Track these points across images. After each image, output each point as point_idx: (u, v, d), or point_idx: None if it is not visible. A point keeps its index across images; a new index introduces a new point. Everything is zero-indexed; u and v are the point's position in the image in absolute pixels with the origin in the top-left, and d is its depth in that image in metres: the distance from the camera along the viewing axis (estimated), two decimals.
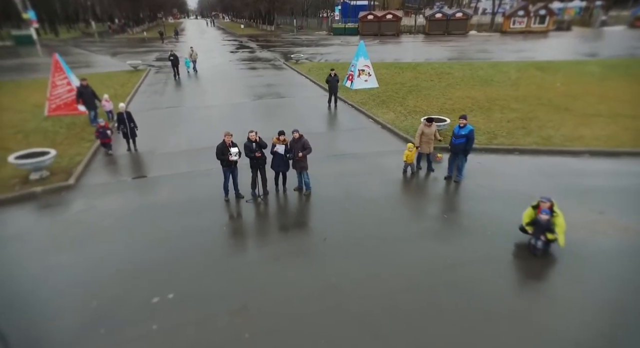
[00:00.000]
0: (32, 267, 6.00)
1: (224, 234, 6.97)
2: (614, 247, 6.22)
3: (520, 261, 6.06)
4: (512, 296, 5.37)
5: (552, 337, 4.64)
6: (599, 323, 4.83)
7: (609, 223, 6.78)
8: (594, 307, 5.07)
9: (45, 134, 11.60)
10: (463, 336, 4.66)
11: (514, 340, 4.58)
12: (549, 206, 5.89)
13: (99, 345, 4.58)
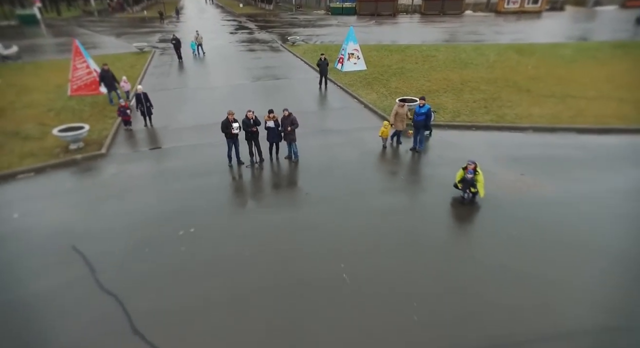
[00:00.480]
0: (88, 212, 8.03)
1: (229, 190, 9.00)
2: (522, 197, 8.23)
3: (453, 208, 8.08)
4: (449, 235, 7.40)
5: (470, 262, 6.70)
6: (505, 250, 6.85)
7: (524, 181, 8.77)
8: (502, 239, 7.10)
9: (72, 112, 13.46)
10: (402, 265, 6.71)
11: (453, 273, 6.38)
12: (473, 167, 7.85)
13: (145, 260, 6.65)
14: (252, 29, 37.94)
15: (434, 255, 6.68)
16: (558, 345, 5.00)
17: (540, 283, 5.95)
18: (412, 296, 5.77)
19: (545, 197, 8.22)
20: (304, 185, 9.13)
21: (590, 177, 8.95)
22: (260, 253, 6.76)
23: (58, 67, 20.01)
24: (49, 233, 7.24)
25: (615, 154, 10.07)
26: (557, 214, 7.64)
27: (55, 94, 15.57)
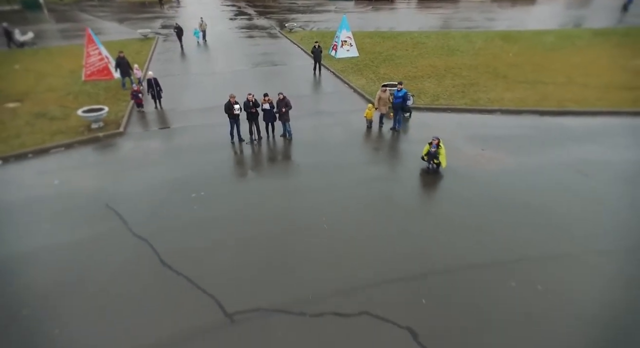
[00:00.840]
0: (115, 179, 9.57)
1: (232, 162, 10.53)
2: (479, 168, 9.77)
3: (420, 176, 9.62)
4: (412, 196, 8.97)
5: (427, 216, 8.29)
6: (455, 208, 8.42)
7: (483, 156, 10.30)
8: (456, 200, 8.67)
9: (89, 95, 14.86)
10: (373, 217, 8.28)
11: (411, 223, 7.99)
12: (437, 142, 9.35)
13: (166, 215, 8.22)
14: (251, 14, 38.77)
15: (400, 211, 8.27)
16: (483, 272, 6.61)
17: (475, 230, 7.55)
18: (377, 238, 7.38)
19: (500, 169, 9.76)
20: (296, 158, 10.67)
21: (541, 153, 10.47)
22: (257, 210, 8.34)
23: (68, 53, 21.29)
24: (86, 195, 8.82)
25: (567, 133, 11.56)
26: (506, 182, 9.20)
27: (70, 78, 16.92)
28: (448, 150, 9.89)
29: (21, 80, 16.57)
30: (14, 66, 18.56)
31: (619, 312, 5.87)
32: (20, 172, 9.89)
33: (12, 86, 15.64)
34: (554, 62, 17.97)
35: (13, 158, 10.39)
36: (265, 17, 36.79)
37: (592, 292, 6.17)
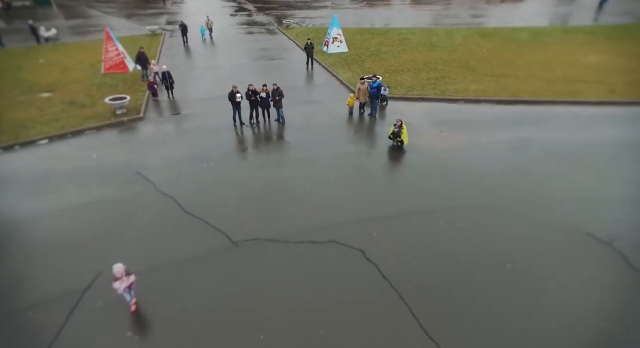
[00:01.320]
0: (140, 154, 11.87)
1: (234, 141, 12.82)
2: (435, 146, 12.05)
3: (388, 152, 11.90)
4: (378, 166, 11.26)
5: (390, 182, 10.62)
6: (414, 175, 10.75)
7: (440, 136, 12.59)
8: (415, 170, 10.98)
9: (110, 86, 17.09)
10: (347, 182, 10.60)
11: (374, 184, 10.30)
12: (399, 124, 11.62)
13: (185, 181, 10.51)
14: (250, 10, 40.71)
15: (367, 176, 10.59)
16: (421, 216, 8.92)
17: (422, 188, 9.86)
18: (347, 194, 9.70)
19: (451, 146, 12.05)
20: (287, 137, 12.94)
21: (488, 134, 12.75)
22: (255, 175, 10.67)
23: (85, 48, 23.45)
24: (120, 165, 11.13)
25: (513, 118, 13.83)
26: (454, 155, 11.49)
27: (90, 72, 19.12)
28: (413, 132, 12.21)
29: (48, 73, 18.79)
30: (39, 60, 20.76)
31: (508, 244, 8.19)
32: (64, 148, 12.20)
33: (42, 78, 17.87)
34: (520, 58, 20.14)
35: (57, 138, 12.70)
36: (264, 13, 38.76)
37: (496, 230, 8.49)
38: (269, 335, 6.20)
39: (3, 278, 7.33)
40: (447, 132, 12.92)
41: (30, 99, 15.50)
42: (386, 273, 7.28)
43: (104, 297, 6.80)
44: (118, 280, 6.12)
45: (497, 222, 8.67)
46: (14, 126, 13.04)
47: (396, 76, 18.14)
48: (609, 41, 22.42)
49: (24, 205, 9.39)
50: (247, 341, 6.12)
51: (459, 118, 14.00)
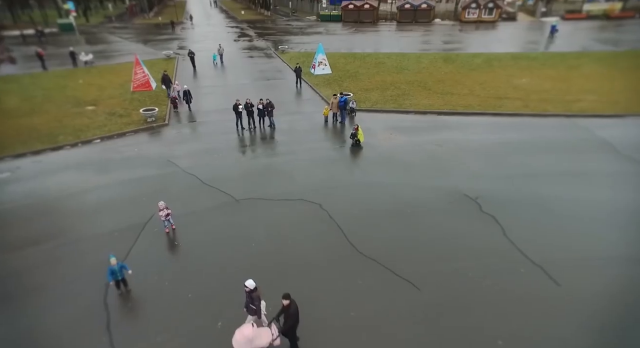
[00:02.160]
0: (169, 149, 16.33)
1: (237, 141, 17.29)
2: (384, 144, 16.50)
3: (349, 148, 16.33)
4: (342, 156, 15.68)
5: (350, 169, 15.06)
6: (368, 165, 15.17)
7: (390, 137, 17.06)
8: (369, 161, 15.41)
9: (139, 101, 21.71)
10: (320, 168, 15.02)
11: (338, 167, 14.75)
12: (356, 128, 16.11)
13: (201, 164, 14.90)
14: (251, 36, 46.09)
15: (334, 162, 15.00)
16: (363, 187, 13.27)
17: (369, 170, 14.26)
18: (318, 173, 14.07)
19: (396, 144, 16.49)
20: (277, 138, 17.42)
21: (424, 136, 17.21)
22: (252, 163, 15.11)
23: (113, 70, 28.32)
24: (155, 156, 15.57)
25: (447, 125, 18.33)
26: (397, 150, 15.90)
27: (121, 90, 23.82)
28: (370, 134, 16.71)
29: (88, 91, 23.50)
30: (79, 81, 25.53)
31: (413, 200, 12.48)
32: (113, 145, 16.68)
33: (85, 95, 22.56)
34: (468, 79, 24.88)
35: (106, 138, 17.19)
36: (264, 38, 44.08)
37: (410, 194, 12.79)
38: (257, 246, 10.45)
39: (96, 217, 11.64)
40: (395, 134, 17.42)
41: (80, 111, 20.11)
42: (333, 216, 11.57)
43: (156, 227, 11.08)
44: (160, 210, 10.46)
45: (412, 188, 13.01)
46: (75, 130, 17.58)
47: (367, 93, 22.80)
48: (542, 66, 27.28)
49: (95, 180, 13.78)
50: (243, 249, 10.35)
51: (406, 125, 18.52)
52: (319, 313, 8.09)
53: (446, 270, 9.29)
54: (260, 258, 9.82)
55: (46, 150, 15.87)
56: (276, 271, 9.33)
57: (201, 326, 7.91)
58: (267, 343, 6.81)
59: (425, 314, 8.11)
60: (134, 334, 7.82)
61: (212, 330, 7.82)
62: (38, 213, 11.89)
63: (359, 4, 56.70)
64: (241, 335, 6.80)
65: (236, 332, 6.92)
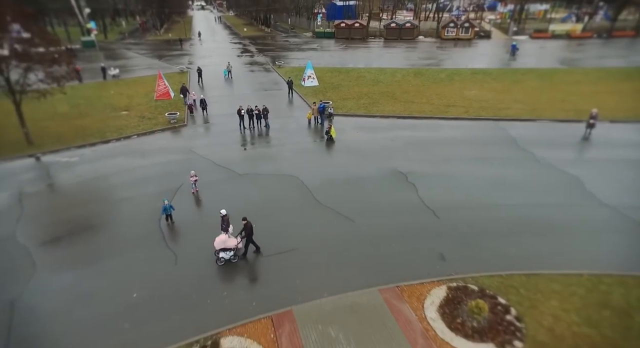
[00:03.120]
0: (189, 142, 21.73)
1: (240, 137, 22.69)
2: (351, 139, 21.84)
3: (324, 142, 21.70)
4: (319, 147, 21.03)
5: (324, 157, 20.44)
6: (337, 154, 20.55)
7: (355, 134, 22.42)
8: (338, 151, 20.80)
9: (162, 107, 27.21)
10: (302, 155, 20.39)
11: (315, 155, 20.16)
12: (329, 127, 21.52)
13: (214, 152, 20.26)
14: (253, 52, 51.99)
15: (311, 152, 20.35)
16: (333, 166, 18.58)
17: (337, 156, 19.60)
18: (301, 158, 19.41)
19: (360, 139, 21.82)
20: (270, 135, 22.83)
21: (382, 133, 22.55)
22: (251, 151, 20.48)
23: (137, 82, 33.95)
24: (179, 147, 20.95)
25: (401, 125, 23.71)
26: (359, 143, 21.21)
27: (146, 98, 29.36)
28: (341, 132, 22.08)
29: (120, 99, 29.06)
30: (110, 91, 31.12)
31: (363, 175, 17.77)
32: (147, 140, 22.07)
33: (118, 103, 28.10)
34: (429, 91, 30.39)
35: (141, 134, 22.61)
36: (263, 54, 49.93)
37: (361, 170, 18.06)
38: (252, 201, 15.68)
39: (144, 184, 16.93)
40: (361, 132, 22.79)
41: (117, 115, 25.61)
42: (306, 183, 16.81)
43: (185, 191, 16.37)
44: (191, 177, 15.79)
45: (364, 167, 18.26)
46: (116, 129, 23.03)
47: (344, 101, 28.28)
48: (493, 80, 32.86)
49: (138, 162, 19.13)
50: (242, 203, 15.57)
51: (370, 126, 23.90)
52: (290, 233, 13.33)
53: (374, 211, 14.53)
54: (254, 207, 15.03)
55: (99, 143, 21.29)
56: (262, 213, 14.57)
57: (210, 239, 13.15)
58: (234, 245, 11.92)
59: (356, 237, 13.33)
60: (177, 245, 13.06)
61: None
62: (102, 184, 17.24)
63: (350, 22, 62.93)
64: (219, 239, 11.91)
65: (216, 238, 12.06)
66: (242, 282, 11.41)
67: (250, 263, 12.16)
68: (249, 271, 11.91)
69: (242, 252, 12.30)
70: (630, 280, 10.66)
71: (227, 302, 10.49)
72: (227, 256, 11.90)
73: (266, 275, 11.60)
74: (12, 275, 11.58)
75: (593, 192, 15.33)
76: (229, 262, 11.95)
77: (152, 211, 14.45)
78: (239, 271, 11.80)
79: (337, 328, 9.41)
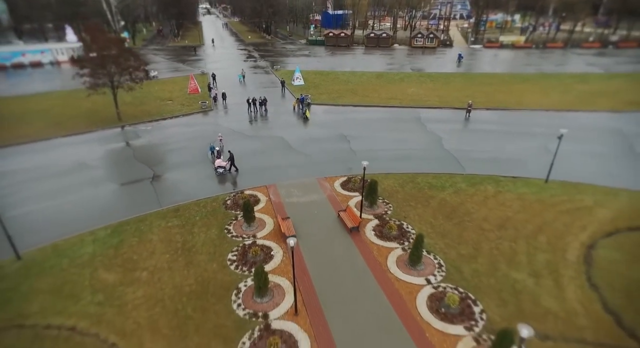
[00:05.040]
0: (216, 123, 34.03)
1: (247, 120, 35.00)
2: (323, 117, 34.07)
3: (302, 120, 33.94)
4: (297, 123, 33.27)
5: (299, 130, 32.76)
6: (314, 126, 32.79)
7: (323, 115, 34.68)
8: (314, 125, 33.05)
9: (194, 98, 39.44)
10: (286, 128, 32.68)
11: (297, 129, 32.40)
12: (305, 111, 33.75)
13: (234, 128, 32.51)
14: (256, 57, 64.29)
15: (293, 126, 32.61)
16: (310, 136, 30.80)
17: (313, 130, 31.85)
18: (285, 129, 31.67)
19: (325, 118, 34.02)
20: (268, 116, 35.10)
21: (343, 115, 34.70)
22: (255, 126, 32.79)
23: (172, 81, 46.33)
24: (210, 123, 33.23)
25: (355, 111, 35.90)
26: (325, 121, 33.40)
27: (181, 93, 41.64)
28: (313, 114, 34.35)
29: (163, 93, 41.39)
30: (155, 88, 43.48)
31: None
32: (188, 118, 34.37)
33: (163, 95, 40.44)
34: (382, 89, 42.55)
35: (182, 115, 34.91)
36: (265, 59, 62.19)
37: (321, 135, 30.28)
38: (255, 149, 27.89)
39: (193, 141, 29.18)
40: (327, 114, 35.01)
41: (165, 103, 37.92)
42: (288, 141, 28.99)
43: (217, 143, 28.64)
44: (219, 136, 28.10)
45: (323, 133, 30.48)
46: (168, 111, 35.34)
47: (320, 95, 40.50)
48: (431, 81, 45.07)
49: (187, 130, 31.43)
50: (250, 150, 27.76)
51: (334, 110, 36.09)
52: (275, 161, 25.58)
53: (324, 151, 26.73)
54: (255, 151, 27.23)
55: (159, 120, 33.57)
56: (260, 153, 26.77)
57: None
58: (225, 164, 24.03)
59: (310, 161, 25.55)
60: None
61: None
62: (169, 140, 29.51)
63: (337, 32, 75.23)
64: (217, 162, 24.06)
65: (215, 161, 24.19)
66: (235, 179, 23.72)
67: (233, 174, 24.21)
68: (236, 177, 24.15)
69: (228, 169, 24.34)
70: (435, 176, 22.85)
71: (237, 181, 22.79)
72: (220, 170, 23.96)
73: (260, 175, 23.84)
74: (146, 172, 23.88)
75: (443, 144, 27.59)
76: (222, 174, 24.05)
77: (201, 149, 26.73)
78: (227, 177, 23.91)
79: (296, 190, 21.64)
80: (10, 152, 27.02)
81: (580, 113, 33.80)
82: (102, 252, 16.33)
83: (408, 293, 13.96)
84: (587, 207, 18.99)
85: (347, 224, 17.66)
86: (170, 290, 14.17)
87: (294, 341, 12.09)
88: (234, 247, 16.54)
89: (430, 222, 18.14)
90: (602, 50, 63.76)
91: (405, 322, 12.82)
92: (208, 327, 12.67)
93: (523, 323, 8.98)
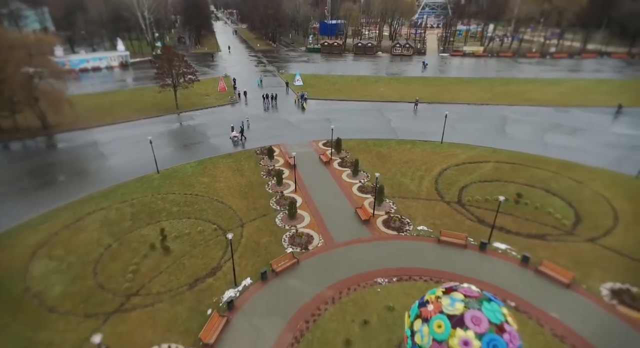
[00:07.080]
0: (244, 112, 49.51)
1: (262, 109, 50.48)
2: (312, 108, 49.47)
3: (301, 110, 49.33)
4: (298, 112, 48.68)
5: (300, 115, 48.27)
6: (310, 113, 48.26)
7: (316, 107, 50.12)
8: (308, 113, 48.51)
9: (224, 95, 54.88)
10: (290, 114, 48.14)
11: (296, 116, 47.78)
12: (303, 104, 49.15)
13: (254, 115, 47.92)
14: (265, 62, 79.81)
15: (295, 113, 48.07)
16: (305, 118, 46.17)
17: (309, 115, 47.29)
18: (289, 114, 47.10)
19: (318, 108, 49.44)
20: (277, 107, 50.54)
21: (328, 106, 50.13)
22: (269, 114, 48.28)
23: (203, 83, 61.61)
24: (236, 110, 48.69)
25: (338, 104, 51.27)
26: (317, 110, 48.82)
27: (213, 91, 57.07)
28: (311, 106, 49.81)
29: (200, 91, 56.75)
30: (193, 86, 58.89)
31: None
32: (222, 108, 49.84)
33: (201, 92, 55.90)
34: (360, 88, 57.88)
35: (217, 106, 50.40)
36: (272, 64, 77.68)
37: (313, 117, 45.60)
38: (269, 125, 43.32)
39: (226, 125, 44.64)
40: (318, 105, 50.41)
41: (203, 97, 53.43)
42: (291, 121, 44.39)
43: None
44: (246, 118, 43.58)
45: (316, 118, 45.85)
46: (208, 103, 50.83)
47: (314, 93, 55.82)
48: (398, 83, 60.45)
49: (222, 115, 46.90)
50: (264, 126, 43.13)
51: (323, 103, 51.44)
52: (280, 134, 41.04)
53: (314, 131, 42.17)
54: (266, 128, 42.66)
55: (201, 109, 49.04)
56: (269, 129, 42.20)
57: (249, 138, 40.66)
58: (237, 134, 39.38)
59: (302, 132, 41.04)
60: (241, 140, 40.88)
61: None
62: (211, 123, 44.97)
63: (331, 41, 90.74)
64: (232, 133, 39.50)
65: (231, 133, 39.60)
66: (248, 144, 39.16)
67: (243, 141, 39.58)
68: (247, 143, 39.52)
69: (240, 138, 39.61)
70: (378, 140, 38.30)
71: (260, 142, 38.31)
72: (235, 139, 39.26)
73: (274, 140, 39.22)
74: (203, 137, 39.38)
75: (391, 124, 43.06)
76: (235, 141, 39.34)
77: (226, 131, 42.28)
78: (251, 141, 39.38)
79: (295, 146, 37.16)
80: (114, 128, 42.53)
81: (486, 106, 49.29)
82: (197, 171, 31.84)
83: (350, 186, 29.43)
84: (455, 154, 34.44)
85: (323, 159, 33.23)
86: (235, 184, 29.66)
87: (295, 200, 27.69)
88: (263, 170, 32.02)
89: (369, 160, 33.60)
90: (541, 59, 79.11)
91: (347, 195, 28.34)
92: (255, 194, 28.17)
93: (377, 173, 24.52)
